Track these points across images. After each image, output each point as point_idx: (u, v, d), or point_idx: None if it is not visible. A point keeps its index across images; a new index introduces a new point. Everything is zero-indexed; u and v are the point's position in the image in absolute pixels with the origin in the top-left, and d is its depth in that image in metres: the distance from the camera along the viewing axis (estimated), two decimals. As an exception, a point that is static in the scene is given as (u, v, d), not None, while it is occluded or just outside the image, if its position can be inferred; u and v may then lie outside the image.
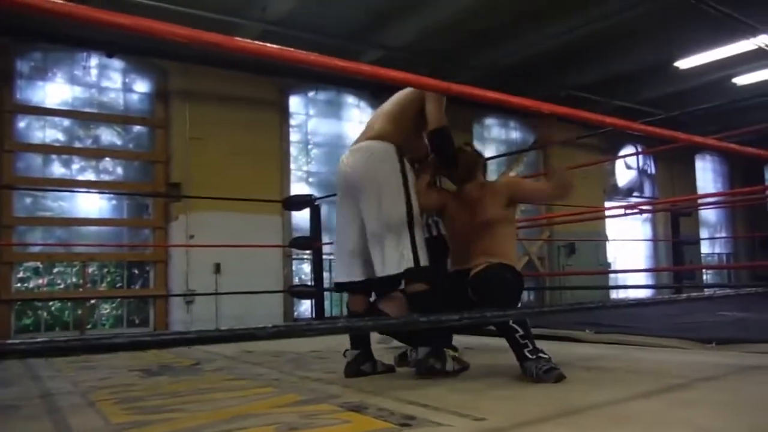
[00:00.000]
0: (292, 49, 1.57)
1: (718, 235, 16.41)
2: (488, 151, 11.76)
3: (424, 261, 3.17)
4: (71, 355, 1.17)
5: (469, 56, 9.34)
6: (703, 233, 15.80)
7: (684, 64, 9.82)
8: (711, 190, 16.04)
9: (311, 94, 9.80)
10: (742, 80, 10.72)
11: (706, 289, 11.49)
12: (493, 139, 12.12)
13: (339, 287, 3.50)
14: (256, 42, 1.63)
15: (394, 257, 3.14)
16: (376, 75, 1.88)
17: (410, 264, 3.13)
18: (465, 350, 4.40)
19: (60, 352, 1.13)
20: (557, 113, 2.02)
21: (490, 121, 11.97)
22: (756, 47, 8.95)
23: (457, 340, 4.90)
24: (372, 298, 3.52)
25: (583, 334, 4.82)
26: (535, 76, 10.31)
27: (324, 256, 6.57)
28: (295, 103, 9.59)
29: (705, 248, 15.99)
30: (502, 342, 4.95)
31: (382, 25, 8.34)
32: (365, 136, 3.38)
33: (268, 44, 1.54)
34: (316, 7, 7.66)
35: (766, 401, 2.43)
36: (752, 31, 8.45)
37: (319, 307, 6.63)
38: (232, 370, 3.77)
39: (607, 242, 12.91)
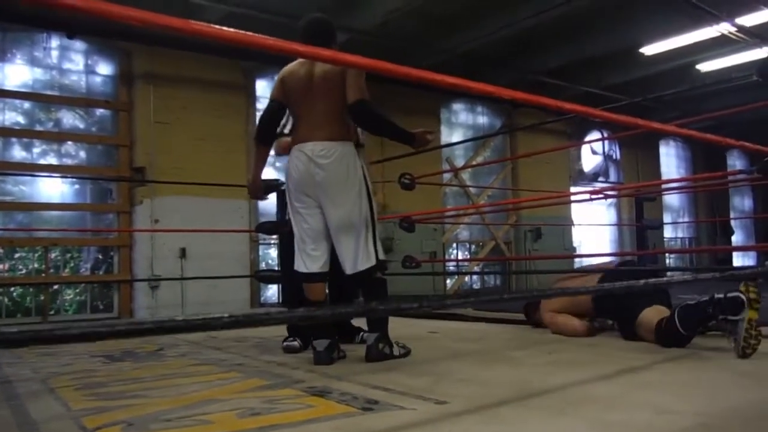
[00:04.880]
0: (249, 33, 1.53)
1: (680, 220, 16.70)
2: (455, 136, 11.81)
3: (382, 254, 3.42)
4: (26, 346, 1.13)
5: (434, 41, 9.34)
6: (667, 218, 16.05)
7: (649, 50, 9.93)
8: (675, 175, 16.30)
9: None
10: (705, 66, 10.88)
11: (668, 273, 11.73)
12: (461, 124, 12.15)
13: (299, 276, 3.52)
14: (214, 26, 1.59)
15: (365, 254, 3.32)
16: (336, 60, 1.86)
17: (375, 258, 3.34)
18: (429, 334, 4.46)
19: (11, 344, 1.10)
20: (518, 99, 2.02)
21: (457, 106, 12.00)
22: (719, 34, 9.08)
23: (422, 323, 4.97)
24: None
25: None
26: (500, 61, 10.35)
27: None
28: (262, 86, 9.48)
29: (668, 233, 16.28)
30: (465, 326, 5.02)
31: (349, 8, 8.27)
32: (317, 135, 3.31)
33: (225, 28, 1.50)
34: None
35: (722, 383, 2.49)
36: (716, 19, 8.58)
37: (289, 292, 6.58)
38: (195, 356, 3.75)
39: (572, 227, 13.07)
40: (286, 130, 3.72)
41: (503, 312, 5.39)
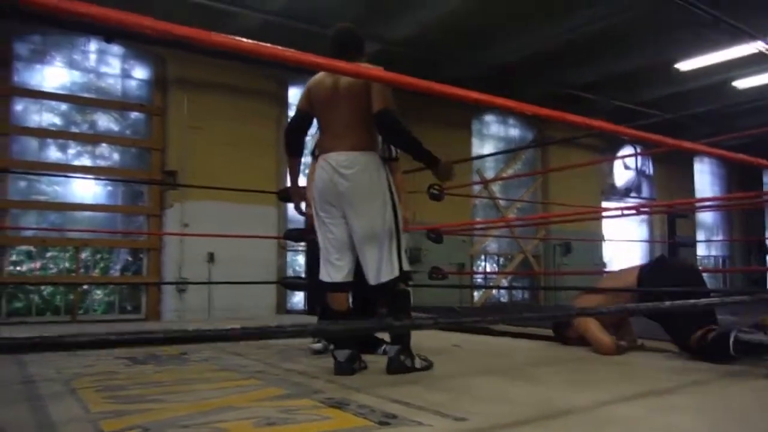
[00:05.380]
0: (267, 45, 1.55)
1: (714, 238, 16.41)
2: (486, 148, 11.77)
3: (406, 266, 3.36)
4: (27, 353, 1.14)
5: (468, 53, 9.31)
6: (700, 235, 15.80)
7: (684, 66, 9.79)
8: (708, 192, 16.05)
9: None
10: (742, 83, 10.69)
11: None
12: (492, 135, 12.10)
13: (323, 286, 3.52)
14: (233, 37, 1.61)
15: (388, 266, 3.28)
16: (359, 73, 1.85)
17: (399, 269, 3.30)
18: (453, 347, 4.41)
19: (12, 350, 1.10)
20: (542, 115, 1.99)
21: (489, 117, 11.95)
22: (756, 51, 8.91)
23: (446, 336, 4.93)
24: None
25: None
26: (534, 74, 10.28)
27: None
28: (293, 94, 9.53)
29: (701, 250, 16.01)
30: (490, 340, 4.97)
31: (382, 18, 8.29)
32: (341, 145, 3.30)
33: (243, 39, 1.52)
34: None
35: (749, 408, 2.42)
36: (753, 36, 8.43)
37: (313, 300, 6.62)
38: (217, 361, 3.76)
39: (603, 242, 12.91)
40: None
41: (530, 326, 5.33)
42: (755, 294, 3.53)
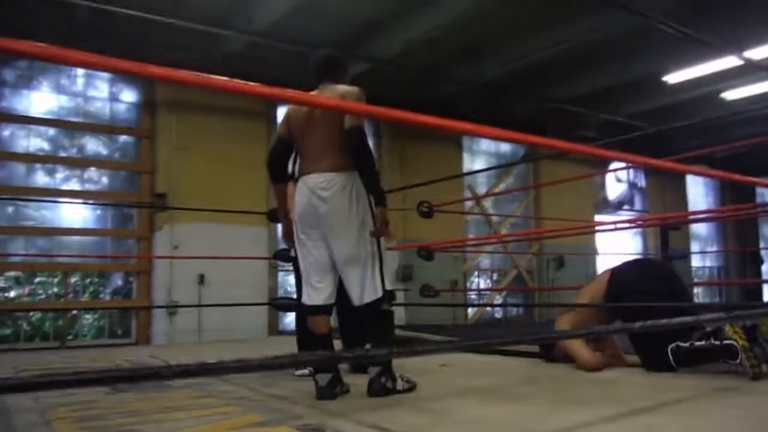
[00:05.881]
0: (245, 83, 1.60)
1: (709, 249, 16.40)
2: (478, 164, 11.77)
3: (388, 284, 3.36)
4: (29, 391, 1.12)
5: (454, 69, 9.33)
6: (694, 247, 15.79)
7: (672, 78, 9.81)
8: (702, 203, 16.05)
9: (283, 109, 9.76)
10: (730, 95, 10.72)
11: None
12: (483, 151, 12.11)
13: (303, 308, 3.51)
14: (233, 80, 1.70)
15: (371, 286, 3.29)
16: (338, 108, 1.85)
17: (382, 290, 3.30)
18: (439, 368, 4.37)
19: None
20: (527, 142, 1.98)
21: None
22: (744, 62, 8.95)
23: (435, 355, 4.88)
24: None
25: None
26: (522, 89, 10.31)
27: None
28: (282, 113, 9.53)
29: (696, 262, 16.00)
30: (479, 359, 4.93)
31: (368, 38, 8.31)
32: (318, 166, 3.30)
33: (242, 81, 1.58)
34: (299, 19, 7.63)
35: (733, 428, 2.39)
36: (739, 47, 8.47)
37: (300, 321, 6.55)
38: (201, 387, 3.72)
39: (596, 255, 12.89)
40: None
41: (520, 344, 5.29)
42: (731, 312, 3.57)
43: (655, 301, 3.79)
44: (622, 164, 13.35)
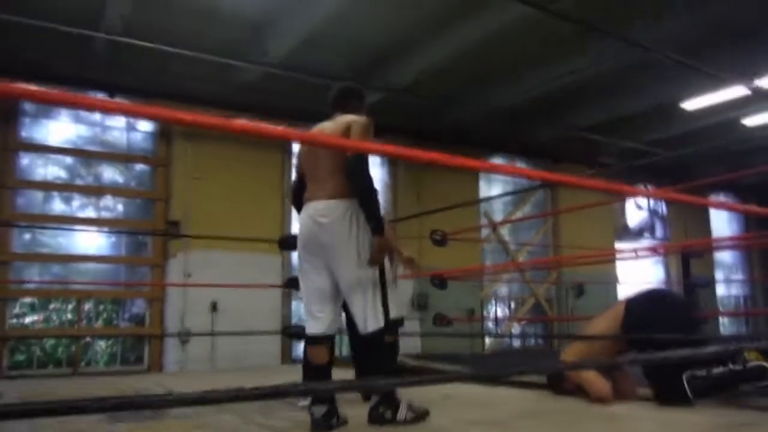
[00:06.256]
0: (269, 126, 1.64)
1: (734, 277, 16.07)
2: (494, 191, 11.71)
3: (394, 313, 3.39)
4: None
5: (469, 97, 9.32)
6: (719, 275, 15.49)
7: (690, 105, 9.70)
8: (726, 230, 15.77)
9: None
10: (750, 121, 10.57)
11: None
12: (500, 178, 12.04)
13: (305, 338, 3.48)
14: (258, 124, 1.78)
15: (373, 315, 3.26)
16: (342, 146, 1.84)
17: (384, 319, 3.28)
18: (442, 399, 4.30)
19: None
20: (547, 179, 1.96)
21: (496, 160, 11.90)
22: (751, 92, 8.84)
23: (438, 387, 4.79)
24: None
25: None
26: (541, 116, 10.26)
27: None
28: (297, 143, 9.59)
29: (722, 290, 15.68)
30: (483, 391, 4.84)
31: (381, 67, 8.35)
32: (321, 193, 3.34)
33: (264, 124, 1.62)
34: (312, 50, 7.69)
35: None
36: (746, 77, 8.38)
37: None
38: (199, 417, 3.68)
39: (617, 284, 12.69)
40: None
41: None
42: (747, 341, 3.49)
43: (669, 333, 3.69)
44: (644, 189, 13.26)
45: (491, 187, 11.77)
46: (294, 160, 3.84)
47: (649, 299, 4.24)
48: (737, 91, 8.88)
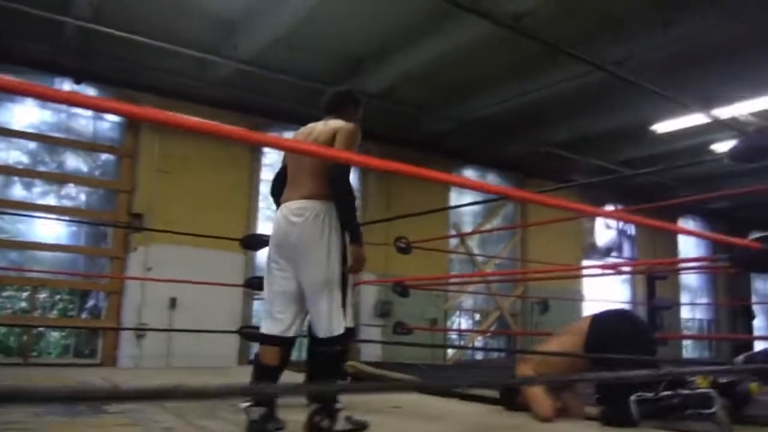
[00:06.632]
0: (236, 128, 1.57)
1: (698, 301, 16.23)
2: (466, 201, 11.69)
3: (350, 322, 3.29)
4: None
5: (442, 106, 9.33)
6: (684, 298, 15.63)
7: (660, 128, 9.78)
8: (693, 253, 15.92)
9: (287, 134, 9.71)
10: (720, 147, 10.67)
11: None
12: (470, 192, 12.02)
13: (260, 337, 3.42)
14: (232, 127, 1.67)
15: (337, 319, 3.21)
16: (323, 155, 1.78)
17: (344, 326, 3.23)
18: (390, 409, 4.25)
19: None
20: (510, 196, 1.91)
21: (468, 172, 11.91)
22: (730, 117, 8.93)
23: (389, 397, 4.75)
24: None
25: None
26: (510, 130, 10.30)
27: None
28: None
29: (686, 313, 15.82)
30: (433, 402, 4.80)
31: (355, 72, 8.31)
32: (297, 193, 3.33)
33: (237, 119, 1.51)
34: (283, 50, 7.64)
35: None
36: (725, 102, 8.47)
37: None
38: (135, 414, 3.60)
39: (582, 302, 12.73)
40: None
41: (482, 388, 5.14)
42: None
43: (629, 354, 3.68)
44: (612, 209, 13.35)
45: (462, 199, 11.74)
46: (264, 159, 3.79)
47: (614, 318, 4.25)
48: (699, 118, 8.98)
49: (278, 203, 3.54)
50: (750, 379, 3.40)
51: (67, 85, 7.99)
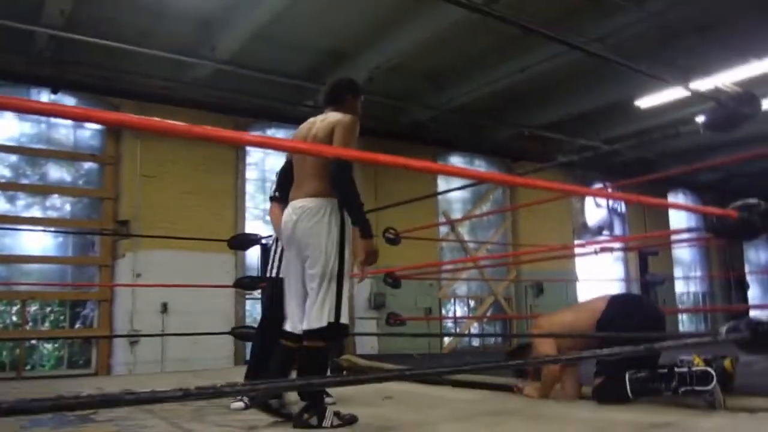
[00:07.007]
0: (227, 132, 1.53)
1: (692, 274, 16.27)
2: (453, 192, 11.66)
3: (344, 318, 3.27)
4: None
5: (424, 95, 9.31)
6: (678, 272, 15.66)
7: (644, 103, 9.77)
8: (685, 227, 15.92)
9: (270, 131, 9.68)
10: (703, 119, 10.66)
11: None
12: (458, 179, 12.00)
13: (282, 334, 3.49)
14: (214, 129, 1.58)
15: (319, 313, 3.20)
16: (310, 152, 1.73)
17: (328, 320, 3.19)
18: (383, 400, 4.23)
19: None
20: (495, 181, 1.88)
21: (455, 159, 11.87)
22: (713, 87, 8.89)
23: (387, 386, 4.71)
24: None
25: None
26: (496, 114, 10.27)
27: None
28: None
29: (680, 287, 15.85)
30: (427, 391, 4.78)
31: (335, 65, 8.30)
32: (302, 191, 3.37)
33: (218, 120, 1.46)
34: (262, 47, 7.61)
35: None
36: (706, 72, 8.43)
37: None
38: (123, 421, 3.57)
39: (576, 282, 12.74)
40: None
41: (479, 374, 5.14)
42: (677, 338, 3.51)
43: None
44: (601, 187, 13.35)
45: (450, 186, 11.71)
46: (248, 158, 3.84)
47: (630, 301, 4.35)
48: (680, 91, 8.94)
49: (281, 200, 3.65)
50: (723, 356, 3.42)
51: (44, 96, 7.93)
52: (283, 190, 3.70)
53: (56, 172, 8.29)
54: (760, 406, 3.21)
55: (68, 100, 8.22)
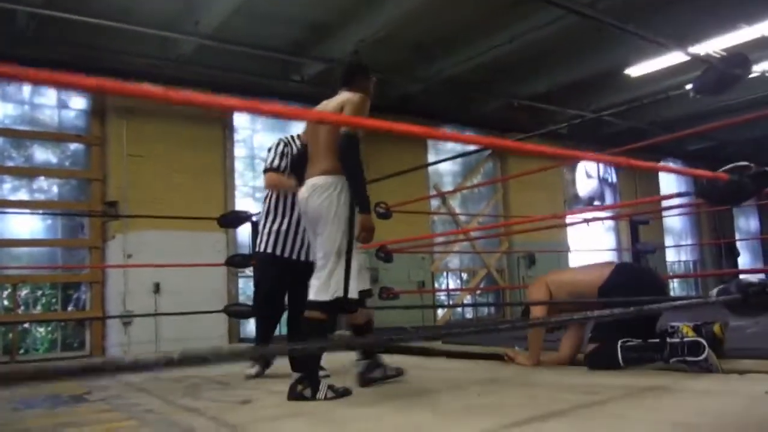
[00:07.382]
0: (219, 97, 1.48)
1: (683, 243, 16.34)
2: (444, 163, 11.62)
3: (353, 293, 3.32)
4: None
5: (412, 67, 9.23)
6: (669, 241, 15.74)
7: (634, 71, 9.72)
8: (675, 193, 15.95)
9: (259, 108, 9.57)
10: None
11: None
12: (449, 150, 11.94)
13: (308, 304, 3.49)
14: (194, 93, 1.54)
15: (324, 287, 3.32)
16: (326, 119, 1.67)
17: (334, 295, 3.28)
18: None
19: None
20: (482, 143, 1.83)
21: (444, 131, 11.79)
22: (704, 54, 8.86)
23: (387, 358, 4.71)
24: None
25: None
26: (483, 87, 10.22)
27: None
28: (240, 118, 9.37)
29: (671, 256, 15.93)
30: (424, 362, 4.79)
31: (321, 38, 8.19)
32: (316, 169, 3.48)
33: (195, 92, 1.44)
34: (246, 20, 7.50)
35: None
36: (695, 40, 8.38)
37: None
38: (115, 400, 3.57)
39: (568, 253, 12.78)
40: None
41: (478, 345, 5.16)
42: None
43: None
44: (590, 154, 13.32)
45: (440, 159, 11.68)
46: (236, 136, 3.91)
47: (635, 270, 4.44)
48: (677, 57, 8.89)
49: (299, 177, 3.76)
50: (711, 321, 3.45)
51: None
52: (296, 172, 3.99)
53: (42, 154, 8.19)
54: (750, 368, 3.23)
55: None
